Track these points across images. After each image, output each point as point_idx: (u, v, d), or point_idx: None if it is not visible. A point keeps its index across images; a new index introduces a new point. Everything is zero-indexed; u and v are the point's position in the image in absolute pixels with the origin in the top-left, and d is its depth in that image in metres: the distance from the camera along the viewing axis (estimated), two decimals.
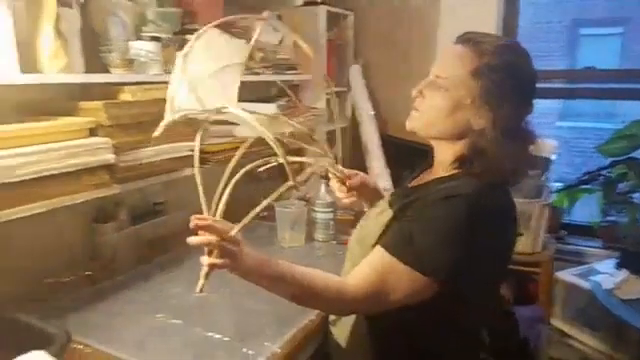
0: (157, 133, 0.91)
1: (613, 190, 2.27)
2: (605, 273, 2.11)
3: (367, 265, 0.94)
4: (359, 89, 2.63)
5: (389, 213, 1.00)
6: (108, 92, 1.36)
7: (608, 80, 2.51)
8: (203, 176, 0.91)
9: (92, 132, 1.27)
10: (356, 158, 2.60)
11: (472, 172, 0.95)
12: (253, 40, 0.93)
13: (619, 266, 2.10)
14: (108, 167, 1.28)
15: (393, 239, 0.94)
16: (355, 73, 2.65)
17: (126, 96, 1.34)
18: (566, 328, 2.19)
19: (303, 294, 0.92)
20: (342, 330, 1.12)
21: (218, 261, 0.83)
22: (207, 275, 0.86)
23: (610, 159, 2.29)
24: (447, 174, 1.00)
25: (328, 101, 2.34)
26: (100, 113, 1.26)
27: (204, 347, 1.13)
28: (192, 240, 0.83)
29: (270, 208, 1.70)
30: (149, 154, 1.40)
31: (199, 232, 0.83)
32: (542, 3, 5.14)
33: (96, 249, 1.53)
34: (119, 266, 1.53)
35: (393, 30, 2.61)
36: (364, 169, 2.33)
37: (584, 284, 2.10)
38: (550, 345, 2.19)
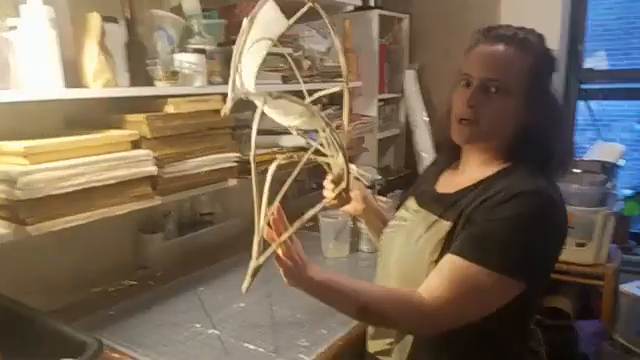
0: (226, 110, 0.89)
1: None
2: None
3: (446, 278, 0.86)
4: (413, 95, 2.56)
5: (443, 224, 0.94)
6: (154, 105, 1.39)
7: None
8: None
9: (136, 144, 1.30)
10: (409, 165, 2.53)
11: (526, 163, 0.94)
12: (292, 20, 0.89)
13: None
14: (151, 179, 1.30)
15: (472, 246, 0.87)
16: (409, 78, 2.58)
17: (169, 108, 1.36)
18: (630, 344, 2.02)
19: (374, 312, 0.88)
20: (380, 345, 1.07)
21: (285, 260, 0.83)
22: (254, 275, 0.85)
23: None
24: (499, 169, 0.97)
25: (380, 108, 2.29)
26: (143, 126, 1.29)
27: (238, 357, 1.13)
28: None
29: (314, 218, 1.67)
30: (192, 165, 1.41)
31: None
32: None
33: (142, 259, 1.57)
34: (165, 276, 1.56)
35: (451, 31, 2.51)
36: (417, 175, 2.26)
37: None
38: None
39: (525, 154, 0.95)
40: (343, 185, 0.94)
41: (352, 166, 1.04)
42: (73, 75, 1.19)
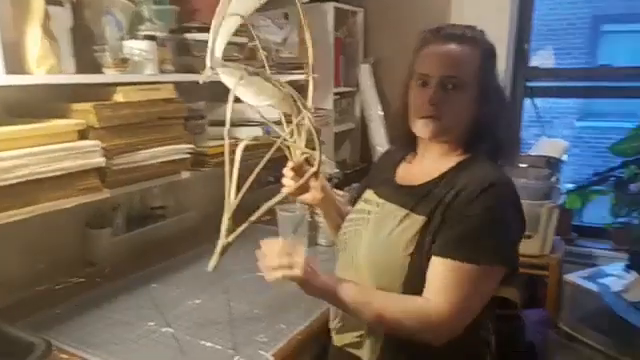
0: (205, 78, 0.91)
1: (625, 191, 2.19)
2: (614, 275, 2.07)
3: (447, 284, 0.90)
4: (368, 89, 2.57)
5: (417, 218, 0.96)
6: (102, 93, 1.32)
7: (628, 78, 2.41)
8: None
9: (83, 134, 1.24)
10: (365, 159, 2.55)
11: (482, 153, 1.00)
12: None
13: (629, 268, 2.03)
14: (99, 171, 1.25)
15: (460, 246, 0.90)
16: (364, 72, 2.59)
17: (118, 97, 1.30)
18: (573, 331, 2.13)
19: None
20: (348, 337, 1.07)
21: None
22: (222, 253, 0.84)
23: (623, 159, 2.20)
24: (458, 160, 1.01)
25: (335, 102, 2.29)
26: (90, 115, 1.23)
27: (194, 356, 1.09)
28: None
29: (271, 212, 1.65)
30: (144, 157, 1.36)
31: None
32: None
33: (90, 255, 1.50)
34: (114, 273, 1.50)
35: (405, 25, 2.52)
36: None
37: (592, 286, 2.05)
38: (557, 349, 2.13)
39: (479, 145, 1.00)
40: (314, 169, 0.95)
41: (315, 153, 1.04)
42: (14, 61, 1.12)
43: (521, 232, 0.98)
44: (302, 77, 2.12)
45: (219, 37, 0.87)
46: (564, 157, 2.27)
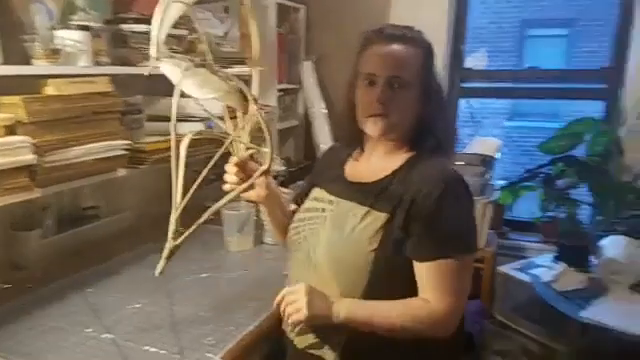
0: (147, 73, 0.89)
1: (552, 187, 2.32)
2: (543, 266, 2.15)
3: (436, 283, 0.95)
4: (311, 86, 2.57)
5: (378, 215, 0.97)
6: (32, 86, 1.24)
7: (554, 80, 2.55)
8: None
9: (12, 130, 1.15)
10: (309, 156, 2.54)
11: (426, 150, 1.03)
12: None
13: (557, 259, 2.14)
14: (29, 168, 1.16)
15: (437, 247, 0.95)
16: (307, 69, 2.58)
17: (49, 90, 1.22)
18: (507, 320, 2.21)
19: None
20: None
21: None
22: (169, 257, 0.80)
23: (551, 157, 2.33)
24: (406, 157, 1.03)
25: (279, 99, 2.26)
26: (19, 109, 1.14)
27: None
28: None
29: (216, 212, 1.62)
30: (78, 154, 1.28)
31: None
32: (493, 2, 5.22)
33: (18, 259, 1.40)
34: (45, 277, 1.41)
35: (346, 23, 2.54)
36: None
37: (523, 277, 2.13)
38: (492, 338, 2.22)
39: (423, 142, 1.04)
40: (265, 166, 0.93)
41: (264, 149, 1.02)
42: None
43: (474, 214, 1.04)
44: (245, 71, 2.08)
45: (162, 26, 0.84)
46: (498, 155, 2.38)
